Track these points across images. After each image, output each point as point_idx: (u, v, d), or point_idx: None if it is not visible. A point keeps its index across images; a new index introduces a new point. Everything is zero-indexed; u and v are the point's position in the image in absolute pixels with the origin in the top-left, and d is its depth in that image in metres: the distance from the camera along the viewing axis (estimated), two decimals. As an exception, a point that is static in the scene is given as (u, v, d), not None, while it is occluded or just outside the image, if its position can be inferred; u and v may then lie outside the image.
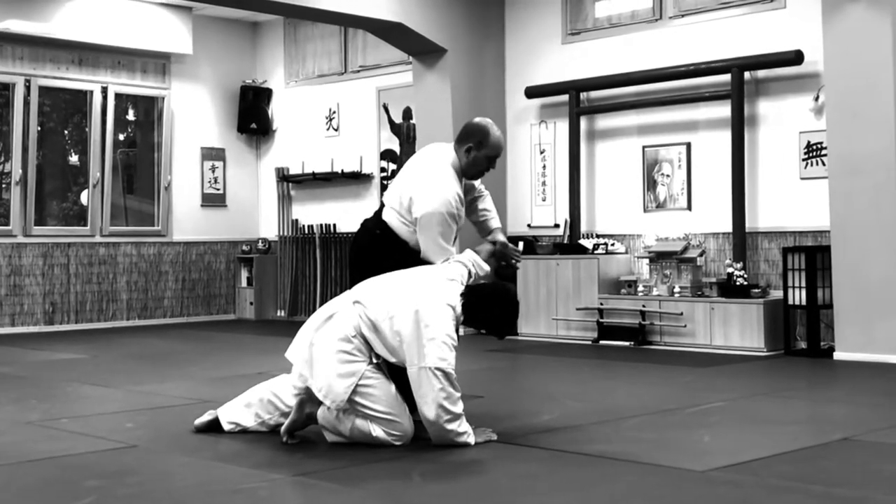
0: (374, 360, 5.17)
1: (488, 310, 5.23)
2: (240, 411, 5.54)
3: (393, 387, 5.17)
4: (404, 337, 5.04)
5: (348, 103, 13.36)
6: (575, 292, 10.47)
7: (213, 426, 5.59)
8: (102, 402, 6.80)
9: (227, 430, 5.53)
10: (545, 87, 11.31)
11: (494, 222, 5.91)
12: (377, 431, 5.10)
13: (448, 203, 5.43)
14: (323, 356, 5.13)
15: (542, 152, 11.56)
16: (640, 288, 10.18)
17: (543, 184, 11.53)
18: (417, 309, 5.01)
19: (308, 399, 5.21)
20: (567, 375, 8.03)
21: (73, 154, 13.39)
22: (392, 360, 5.15)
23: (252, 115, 14.08)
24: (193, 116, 13.79)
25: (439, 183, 5.49)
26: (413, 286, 5.15)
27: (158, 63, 13.42)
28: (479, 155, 5.59)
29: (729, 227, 9.95)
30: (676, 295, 9.84)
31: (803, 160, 9.64)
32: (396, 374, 5.20)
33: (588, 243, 10.62)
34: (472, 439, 5.10)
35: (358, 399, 5.10)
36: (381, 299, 5.14)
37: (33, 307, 12.35)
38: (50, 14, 12.11)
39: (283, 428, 5.20)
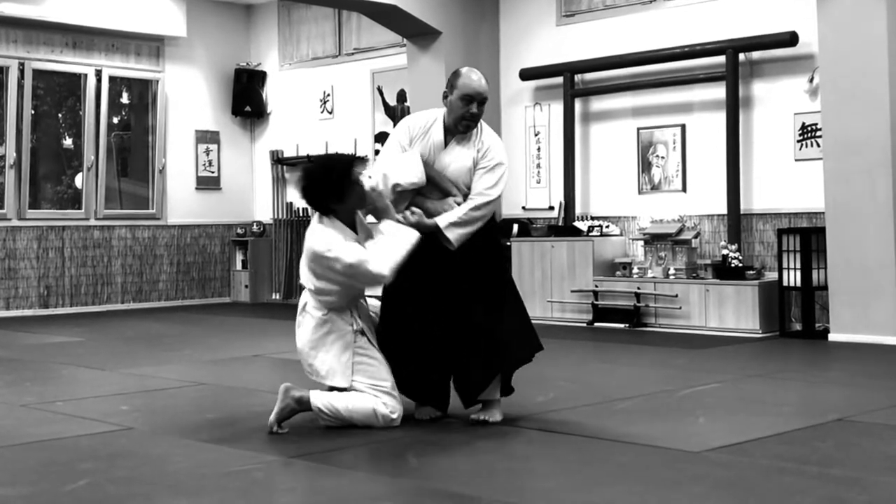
0: (356, 327, 5.19)
1: (315, 185, 5.19)
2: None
3: (385, 364, 5.21)
4: (325, 278, 5.12)
5: (342, 86, 13.34)
6: (570, 274, 10.47)
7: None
8: (97, 385, 6.80)
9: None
10: (539, 70, 11.29)
11: (447, 208, 5.28)
12: (378, 406, 5.10)
13: (398, 129, 5.43)
14: (314, 344, 5.19)
15: (536, 134, 11.55)
16: (635, 270, 10.19)
17: (538, 166, 11.52)
18: (307, 262, 5.16)
19: (293, 385, 5.19)
20: (562, 358, 8.03)
21: (67, 137, 13.36)
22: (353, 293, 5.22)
23: (246, 97, 14.05)
24: (188, 99, 13.76)
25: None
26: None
27: (152, 46, 13.38)
28: (453, 98, 5.27)
29: (724, 209, 9.96)
30: (671, 277, 9.84)
31: (798, 142, 9.64)
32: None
33: (583, 225, 10.62)
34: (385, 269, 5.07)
35: (356, 377, 5.12)
36: (303, 269, 5.27)
37: (28, 290, 12.34)
38: (43, -4, 12.08)
39: (271, 418, 5.11)
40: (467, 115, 5.26)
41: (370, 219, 5.31)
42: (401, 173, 5.26)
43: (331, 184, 5.13)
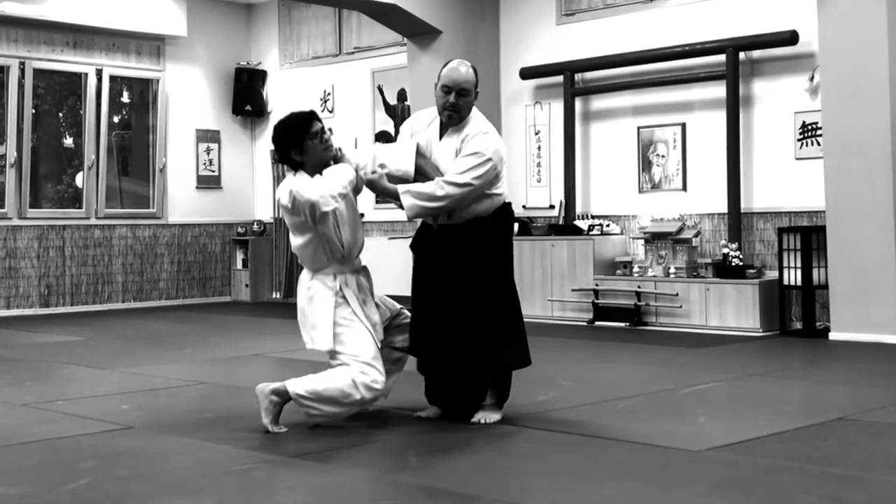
0: (336, 289, 5.23)
1: (278, 139, 5.36)
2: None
3: (369, 334, 5.20)
4: (294, 228, 5.30)
5: (343, 85, 13.34)
6: (570, 273, 10.47)
7: None
8: (98, 385, 6.80)
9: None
10: (540, 68, 11.28)
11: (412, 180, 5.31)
12: (357, 375, 5.08)
13: (404, 123, 5.59)
14: (304, 311, 5.31)
15: (536, 133, 11.55)
16: (636, 269, 10.18)
17: (538, 165, 11.52)
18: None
19: (266, 383, 5.20)
20: (562, 356, 8.03)
21: (67, 136, 13.36)
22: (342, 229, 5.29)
23: (247, 96, 14.06)
24: (188, 98, 13.76)
25: None
26: None
27: (153, 45, 13.38)
28: (437, 89, 5.35)
29: (724, 208, 9.95)
30: (672, 276, 9.84)
31: (798, 140, 9.63)
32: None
33: (583, 224, 10.62)
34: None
35: (336, 348, 5.15)
36: None
37: (29, 290, 12.34)
38: (43, -4, 12.09)
39: (263, 421, 5.11)
40: (447, 104, 5.30)
41: None
42: (390, 157, 5.35)
43: (290, 137, 5.30)
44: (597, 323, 10.20)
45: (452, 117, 5.32)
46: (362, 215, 5.57)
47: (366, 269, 5.48)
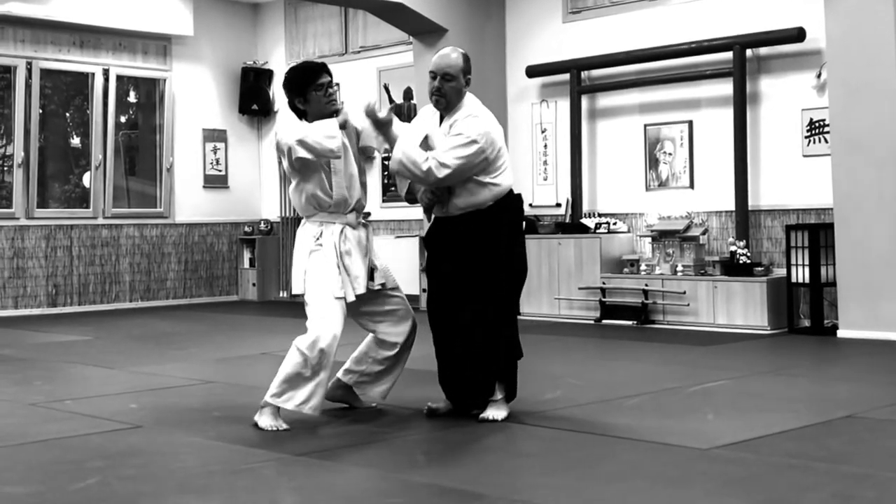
0: (316, 234, 5.31)
1: (286, 85, 5.49)
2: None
3: (328, 284, 5.21)
4: (289, 174, 5.42)
5: (349, 84, 13.33)
6: (577, 271, 10.46)
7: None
8: (106, 384, 6.81)
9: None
10: (546, 66, 11.27)
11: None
12: (299, 343, 5.18)
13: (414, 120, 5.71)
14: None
15: (543, 131, 11.54)
16: (643, 267, 10.17)
17: (545, 163, 11.51)
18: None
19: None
20: (569, 355, 8.03)
21: (74, 136, 13.38)
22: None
23: (253, 96, 14.07)
24: (195, 98, 13.77)
25: None
26: None
27: (159, 45, 13.39)
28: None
29: (731, 206, 9.94)
30: (679, 274, 9.83)
31: (806, 137, 9.62)
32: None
33: (590, 222, 10.61)
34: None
35: (304, 294, 5.28)
36: None
37: (36, 289, 12.36)
38: (50, -4, 12.10)
39: (261, 425, 5.16)
40: (433, 89, 5.40)
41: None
42: (399, 128, 5.46)
43: (297, 84, 5.43)
44: (604, 321, 10.20)
45: (439, 102, 5.40)
46: (368, 214, 5.55)
47: (365, 226, 5.49)
